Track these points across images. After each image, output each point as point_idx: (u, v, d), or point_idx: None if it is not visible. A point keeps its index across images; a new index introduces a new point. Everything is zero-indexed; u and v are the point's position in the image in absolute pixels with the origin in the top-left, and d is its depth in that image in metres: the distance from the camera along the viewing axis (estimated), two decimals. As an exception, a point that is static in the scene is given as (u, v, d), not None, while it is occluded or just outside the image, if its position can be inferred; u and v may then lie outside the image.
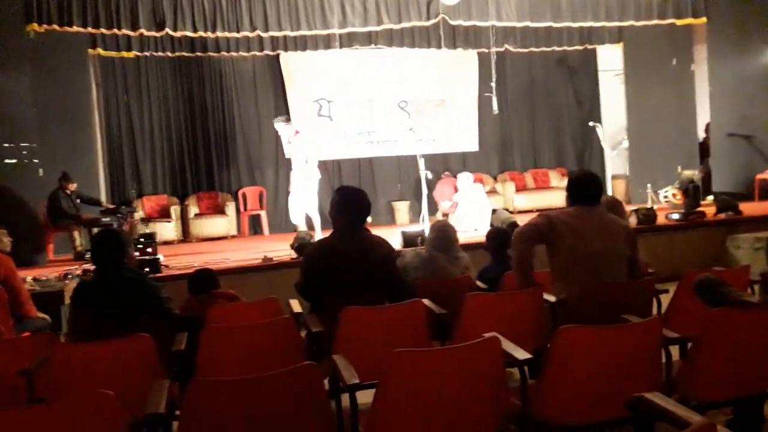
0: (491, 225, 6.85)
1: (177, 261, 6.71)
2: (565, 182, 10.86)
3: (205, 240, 9.73)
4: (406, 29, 9.56)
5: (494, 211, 6.92)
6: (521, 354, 2.03)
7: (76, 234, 7.86)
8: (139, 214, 9.34)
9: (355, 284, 3.10)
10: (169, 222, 9.65)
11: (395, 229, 9.13)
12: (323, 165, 10.80)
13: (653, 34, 9.97)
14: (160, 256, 5.86)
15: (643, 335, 2.01)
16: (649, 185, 9.69)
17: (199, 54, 9.58)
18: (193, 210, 9.96)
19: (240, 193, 10.43)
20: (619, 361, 1.97)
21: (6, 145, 7.57)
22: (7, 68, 7.36)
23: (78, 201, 8.13)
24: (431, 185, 10.88)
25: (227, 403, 1.70)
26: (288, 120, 8.17)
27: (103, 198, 9.27)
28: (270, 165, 10.74)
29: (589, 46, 11.16)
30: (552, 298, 2.88)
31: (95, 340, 2.88)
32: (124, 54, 9.37)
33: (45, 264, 7.69)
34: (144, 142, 10.21)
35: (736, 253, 6.54)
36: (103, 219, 7.94)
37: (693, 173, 10.21)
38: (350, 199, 3.31)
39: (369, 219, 3.45)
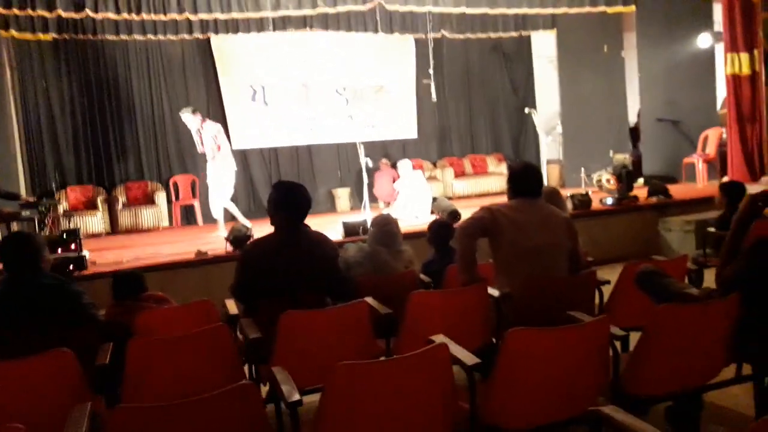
0: (432, 213, 6.83)
1: (105, 256, 6.37)
2: (502, 168, 11.14)
3: (134, 232, 9.30)
4: (341, 13, 9.37)
5: (435, 199, 6.89)
6: (470, 359, 1.95)
7: (-8, 230, 7.33)
8: (62, 206, 8.82)
9: (295, 284, 2.96)
10: (95, 214, 9.15)
11: (336, 217, 9.00)
12: (260, 153, 10.57)
13: (585, 21, 10.15)
14: (85, 252, 5.52)
15: (593, 334, 1.98)
16: (582, 169, 9.92)
17: (123, 37, 9.06)
18: (121, 200, 9.50)
19: (171, 181, 10.03)
20: (569, 362, 1.93)
21: None
22: None
23: (-7, 194, 7.57)
24: (371, 174, 10.80)
25: (157, 429, 1.55)
26: (194, 111, 7.80)
27: (22, 190, 8.71)
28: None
29: (524, 33, 11.27)
30: (496, 293, 2.83)
31: (10, 357, 2.65)
32: (41, 36, 8.74)
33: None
34: (66, 130, 9.62)
35: (667, 235, 6.75)
36: (23, 213, 7.45)
37: (624, 157, 10.53)
38: (288, 194, 3.16)
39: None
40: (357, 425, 1.73)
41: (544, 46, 11.80)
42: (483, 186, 11.09)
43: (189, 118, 7.73)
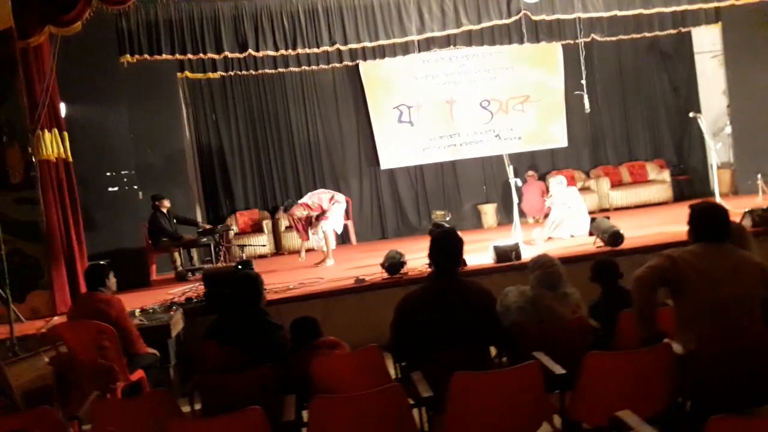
0: (590, 234, 6.52)
1: (272, 281, 6.81)
2: (664, 175, 10.38)
3: (296, 252, 9.85)
4: (485, 28, 9.26)
5: (593, 219, 6.55)
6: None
7: (176, 255, 8.17)
8: (233, 231, 9.59)
9: (452, 337, 2.97)
10: (262, 237, 9.83)
11: (483, 235, 8.92)
12: (406, 171, 10.77)
13: (754, 12, 9.18)
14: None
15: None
16: (759, 176, 8.96)
17: (281, 70, 9.65)
18: (283, 223, 10.12)
19: (326, 203, 10.50)
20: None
21: (108, 174, 7.96)
22: (105, 100, 7.72)
23: (174, 221, 8.42)
24: (518, 189, 10.58)
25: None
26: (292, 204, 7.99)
27: (198, 215, 9.63)
28: (354, 175, 10.77)
29: (683, 29, 10.42)
30: (680, 350, 2.63)
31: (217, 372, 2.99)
32: (210, 75, 9.59)
33: (148, 285, 8.05)
34: (234, 159, 10.47)
35: None
36: (202, 239, 8.23)
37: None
38: (439, 243, 3.19)
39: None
40: None
41: (707, 41, 10.87)
42: (643, 196, 10.41)
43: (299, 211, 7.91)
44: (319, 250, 8.03)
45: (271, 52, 8.57)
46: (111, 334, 4.17)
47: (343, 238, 10.52)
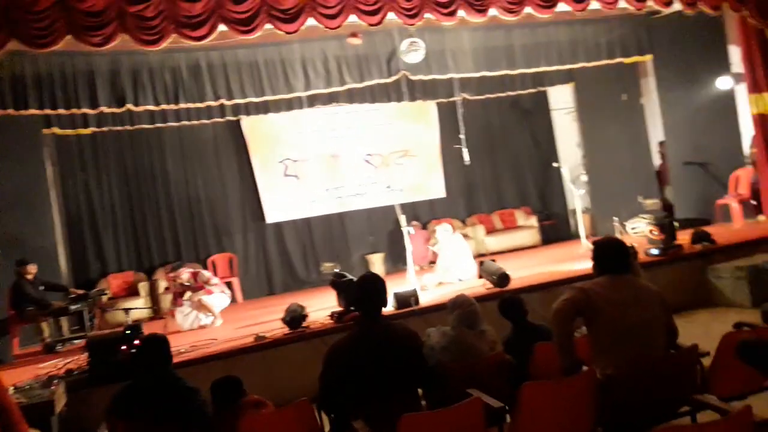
0: (480, 277, 6.85)
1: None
2: (531, 221, 11.17)
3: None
4: (366, 87, 9.61)
5: (482, 263, 6.90)
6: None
7: (44, 325, 7.47)
8: (106, 295, 8.92)
9: (386, 383, 2.98)
10: (138, 300, 9.23)
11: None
12: (293, 224, 10.71)
13: (602, 72, 10.34)
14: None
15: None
16: (615, 219, 9.92)
17: (159, 125, 9.31)
18: (162, 284, 9.59)
19: (209, 261, 10.17)
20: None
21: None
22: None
23: (42, 288, 7.71)
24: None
25: None
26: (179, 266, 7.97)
27: (64, 280, 8.87)
28: (238, 230, 10.55)
29: (541, 88, 11.50)
30: (597, 375, 2.83)
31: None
32: (81, 131, 9.05)
33: (10, 360, 7.24)
34: (105, 219, 9.88)
35: (717, 283, 6.71)
36: (72, 306, 7.58)
37: (654, 202, 10.59)
38: (363, 288, 3.23)
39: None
40: None
41: (561, 98, 12.06)
42: (515, 240, 11.13)
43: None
44: (186, 329, 7.50)
45: (151, 107, 8.27)
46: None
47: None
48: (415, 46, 8.14)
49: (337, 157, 10.79)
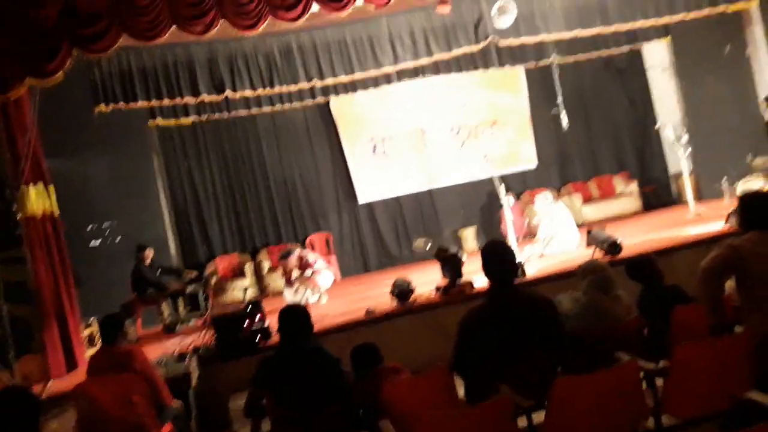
0: (588, 245, 6.66)
1: (273, 322, 6.65)
2: (631, 187, 10.71)
3: (280, 293, 9.68)
4: (453, 56, 9.47)
5: (590, 231, 6.70)
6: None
7: (164, 306, 7.89)
8: (216, 277, 9.36)
9: (522, 349, 2.96)
10: (244, 281, 9.61)
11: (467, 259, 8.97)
12: (384, 204, 10.79)
13: (700, 25, 9.72)
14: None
15: None
16: (724, 178, 9.38)
17: (253, 111, 9.59)
18: (266, 265, 9.95)
19: (307, 241, 10.41)
20: None
21: (90, 227, 7.68)
22: (82, 152, 7.50)
23: (158, 272, 8.16)
24: (497, 211, 10.72)
25: None
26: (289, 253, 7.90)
27: (175, 264, 9.37)
28: (332, 210, 10.74)
29: (636, 45, 10.96)
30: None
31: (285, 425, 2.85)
32: (182, 121, 9.45)
33: (136, 341, 7.72)
34: (209, 204, 10.29)
35: None
36: (188, 288, 7.99)
37: (765, 160, 9.91)
38: (491, 256, 3.20)
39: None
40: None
41: (657, 56, 11.45)
42: (614, 208, 10.71)
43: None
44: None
45: (248, 92, 8.53)
46: (142, 386, 3.97)
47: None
48: (505, 9, 7.91)
49: (424, 132, 10.75)
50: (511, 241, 7.16)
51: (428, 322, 5.71)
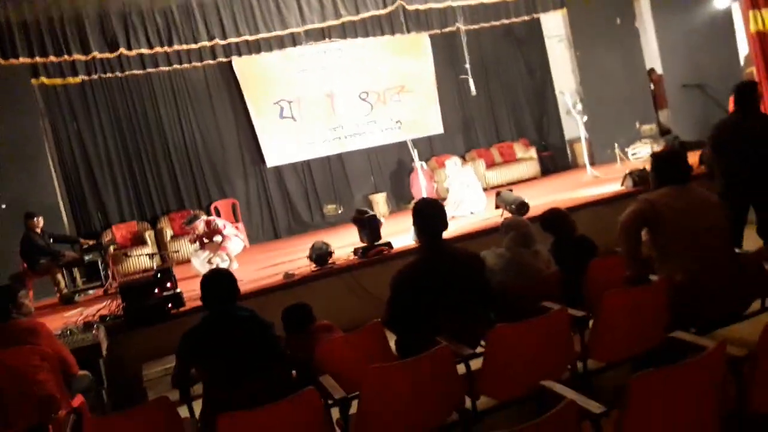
0: (497, 207, 6.89)
1: (183, 288, 6.39)
2: (531, 152, 11.20)
3: (186, 262, 9.31)
4: (358, 20, 9.35)
5: (498, 193, 6.93)
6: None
7: (59, 276, 7.37)
8: (114, 246, 8.84)
9: (454, 303, 3.04)
10: (145, 249, 9.15)
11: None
12: (293, 168, 10.61)
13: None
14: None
15: None
16: (616, 145, 10.00)
17: (150, 70, 8.99)
18: (168, 232, 9.53)
19: (212, 207, 10.05)
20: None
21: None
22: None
23: (51, 240, 7.60)
24: (407, 175, 10.87)
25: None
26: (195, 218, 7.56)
27: (68, 232, 8.75)
28: (238, 175, 10.41)
29: (535, 15, 11.32)
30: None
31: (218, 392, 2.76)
32: (70, 80, 8.72)
33: (30, 314, 7.19)
34: (102, 169, 9.65)
35: (728, 200, 6.81)
36: (87, 256, 7.52)
37: (651, 127, 10.68)
38: (423, 212, 3.23)
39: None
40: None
41: (554, 26, 11.90)
42: (515, 173, 11.16)
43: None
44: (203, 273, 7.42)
45: (145, 50, 8.00)
46: (51, 360, 3.70)
47: (233, 242, 10.15)
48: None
49: (332, 96, 10.61)
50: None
51: (348, 284, 5.72)
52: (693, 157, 7.58)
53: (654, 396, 1.73)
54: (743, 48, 9.65)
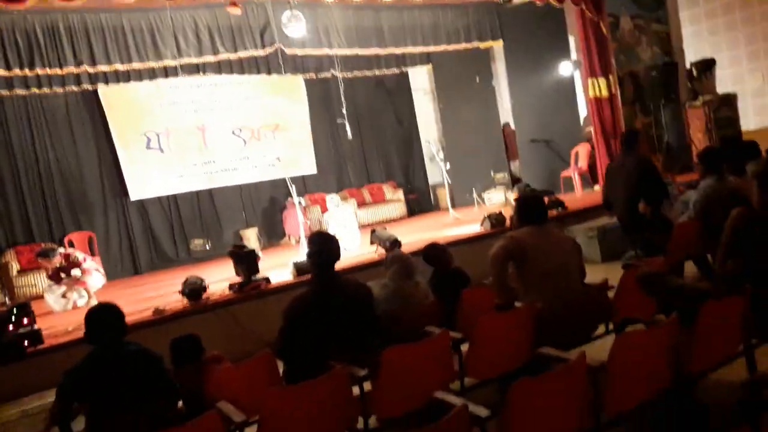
0: (372, 243, 7.17)
1: (41, 325, 5.94)
2: (398, 194, 11.77)
3: (36, 297, 8.60)
4: (234, 58, 9.43)
5: (373, 231, 7.24)
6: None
7: None
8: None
9: (344, 331, 3.20)
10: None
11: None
12: (158, 202, 10.27)
13: (457, 56, 11.12)
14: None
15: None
16: (474, 189, 10.83)
17: (1, 93, 8.42)
18: (14, 266, 8.76)
19: (66, 239, 9.40)
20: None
21: None
22: None
23: None
24: (280, 211, 10.93)
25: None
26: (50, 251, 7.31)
27: None
28: (97, 206, 9.89)
29: (404, 69, 12.09)
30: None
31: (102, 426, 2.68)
32: None
33: None
34: (-61, 194, 8.73)
35: (572, 243, 7.66)
36: None
37: (503, 176, 11.67)
38: (317, 244, 3.41)
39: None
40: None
41: (420, 80, 12.76)
42: (384, 213, 11.65)
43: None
44: (59, 311, 7.01)
45: (1, 71, 7.47)
46: None
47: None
48: (297, 18, 8.19)
49: (203, 129, 10.48)
50: (302, 239, 7.42)
51: (223, 320, 5.65)
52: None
53: (531, 399, 2.02)
54: (583, 110, 10.99)
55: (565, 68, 10.79)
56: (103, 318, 2.95)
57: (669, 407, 2.70)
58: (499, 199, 10.72)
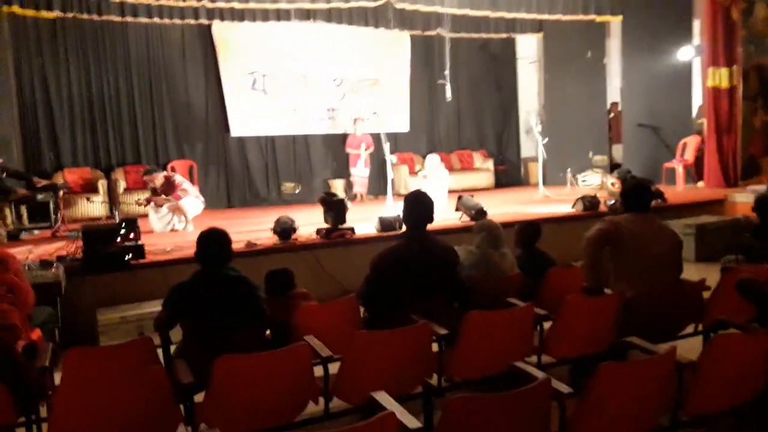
0: (457, 210, 7.17)
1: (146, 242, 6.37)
2: (488, 164, 11.60)
3: (139, 216, 9.20)
4: (347, 8, 9.50)
5: (460, 197, 7.22)
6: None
7: (6, 212, 7.18)
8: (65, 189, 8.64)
9: (426, 289, 3.26)
10: (96, 197, 8.96)
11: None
12: (257, 141, 10.62)
13: (571, 27, 10.70)
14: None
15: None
16: (568, 170, 10.52)
17: (127, 19, 8.87)
18: (121, 184, 9.38)
19: (169, 166, 9.93)
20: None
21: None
22: None
23: (3, 174, 7.39)
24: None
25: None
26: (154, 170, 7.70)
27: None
28: (200, 138, 10.34)
29: (512, 35, 11.75)
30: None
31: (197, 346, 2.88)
32: (43, 14, 8.47)
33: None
34: (62, 111, 9.40)
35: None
36: (39, 196, 7.36)
37: (602, 158, 11.26)
38: (412, 205, 3.46)
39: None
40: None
41: (527, 48, 12.37)
42: (471, 181, 11.53)
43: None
44: (158, 232, 7.43)
45: (126, -4, 7.88)
46: (16, 291, 3.71)
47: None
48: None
49: (306, 76, 10.68)
50: (389, 196, 7.54)
51: (307, 261, 5.87)
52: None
53: (617, 383, 2.01)
54: (697, 99, 10.37)
55: (685, 53, 10.15)
56: (214, 240, 3.13)
57: (754, 418, 2.61)
58: (595, 182, 10.35)
